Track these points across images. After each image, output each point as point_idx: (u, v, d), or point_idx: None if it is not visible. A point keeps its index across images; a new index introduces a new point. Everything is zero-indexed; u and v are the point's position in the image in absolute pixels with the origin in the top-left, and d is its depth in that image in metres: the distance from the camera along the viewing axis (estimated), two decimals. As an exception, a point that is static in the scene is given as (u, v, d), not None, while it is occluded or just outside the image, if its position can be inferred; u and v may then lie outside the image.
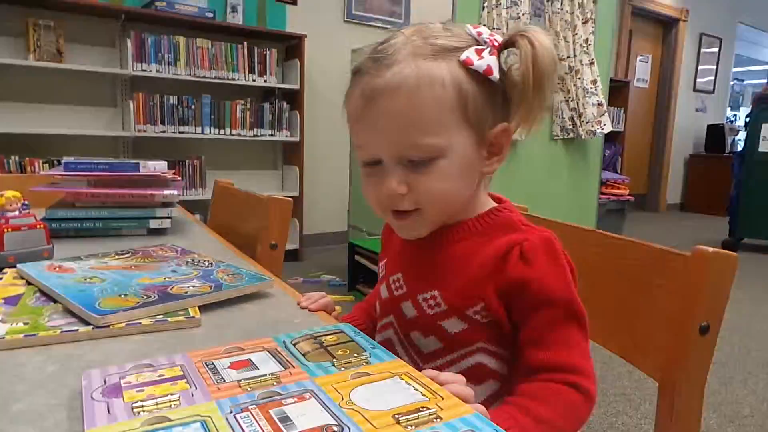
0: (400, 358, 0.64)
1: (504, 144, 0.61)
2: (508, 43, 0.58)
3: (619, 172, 5.37)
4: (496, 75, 0.57)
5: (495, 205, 0.65)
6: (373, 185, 0.60)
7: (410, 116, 0.55)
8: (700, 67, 6.81)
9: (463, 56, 0.56)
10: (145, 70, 3.06)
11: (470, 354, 0.60)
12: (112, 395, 0.43)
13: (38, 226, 0.88)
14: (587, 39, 2.75)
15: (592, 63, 2.79)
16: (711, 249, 0.61)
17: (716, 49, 6.94)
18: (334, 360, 0.51)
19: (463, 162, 0.58)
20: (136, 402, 0.42)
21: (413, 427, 0.39)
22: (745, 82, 7.87)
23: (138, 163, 1.20)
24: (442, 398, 0.44)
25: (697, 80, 6.85)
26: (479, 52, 0.57)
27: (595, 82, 2.80)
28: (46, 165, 2.89)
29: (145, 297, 0.67)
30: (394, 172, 0.57)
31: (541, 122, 0.61)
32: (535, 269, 0.57)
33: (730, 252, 0.61)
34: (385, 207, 0.60)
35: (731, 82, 7.46)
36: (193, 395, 0.43)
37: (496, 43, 0.58)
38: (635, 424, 1.71)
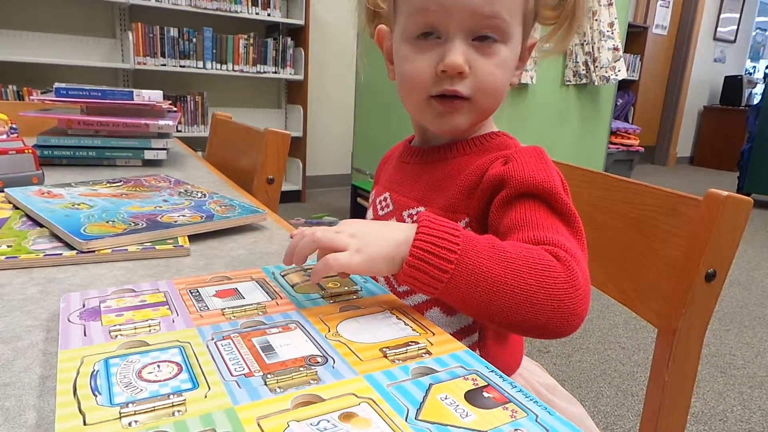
0: (378, 282, 0.63)
1: (527, 57, 0.59)
2: None
3: (630, 122, 5.26)
4: None
5: (497, 130, 0.62)
6: (426, 60, 0.53)
7: None
8: (722, 15, 6.53)
9: None
10: (144, -1, 2.94)
11: None
12: (89, 318, 0.41)
13: (26, 151, 0.85)
14: (607, -22, 2.61)
15: (610, 4, 2.66)
16: (725, 193, 0.58)
17: (742, -5, 6.63)
18: (324, 292, 0.49)
19: (515, 57, 0.56)
20: (114, 326, 0.40)
21: (400, 361, 0.37)
22: (767, 32, 7.55)
23: (132, 92, 1.16)
24: (433, 334, 0.42)
25: (718, 29, 6.58)
26: None
27: (612, 24, 2.68)
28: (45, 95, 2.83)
29: (132, 224, 0.64)
30: (461, 47, 0.52)
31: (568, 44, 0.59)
32: (516, 164, 0.52)
33: (744, 197, 0.58)
34: (436, 87, 0.54)
35: (753, 32, 7.17)
36: (174, 321, 0.42)
37: None
38: (628, 371, 1.73)
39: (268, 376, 0.34)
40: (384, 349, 0.39)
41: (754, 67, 7.41)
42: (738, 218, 0.59)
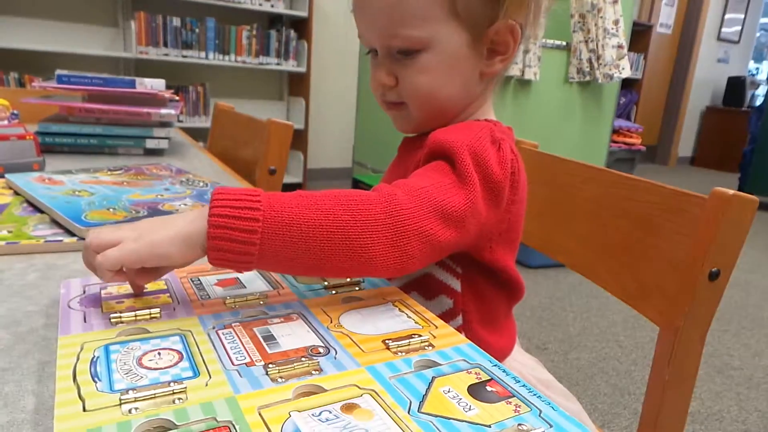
0: None
1: (510, 43, 0.57)
2: None
3: (632, 120, 5.25)
4: None
5: (489, 118, 0.61)
6: (373, 74, 0.60)
7: (392, 7, 0.53)
8: (726, 16, 6.50)
9: None
10: (147, -13, 2.92)
11: None
12: (90, 305, 0.41)
13: (27, 137, 0.85)
14: (613, -25, 2.59)
15: (615, 2, 2.64)
16: (731, 191, 0.57)
17: (747, -5, 6.60)
18: (326, 283, 0.48)
19: (452, 58, 0.55)
20: (115, 313, 0.40)
21: (403, 353, 0.37)
22: (772, 34, 7.52)
23: (134, 80, 1.15)
24: (436, 327, 0.42)
25: (723, 29, 6.55)
26: None
27: (617, 22, 2.66)
28: (46, 83, 2.82)
29: (134, 212, 0.64)
30: (384, 63, 0.57)
31: (541, 27, 0.57)
32: (440, 130, 0.53)
33: (750, 196, 0.58)
34: (378, 97, 0.61)
35: (757, 33, 7.14)
36: (175, 310, 0.41)
37: None
38: (625, 369, 1.73)
39: (270, 365, 0.34)
40: (386, 341, 0.38)
41: (758, 68, 7.39)
42: (743, 218, 0.58)
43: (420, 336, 0.39)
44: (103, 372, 0.32)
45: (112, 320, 0.39)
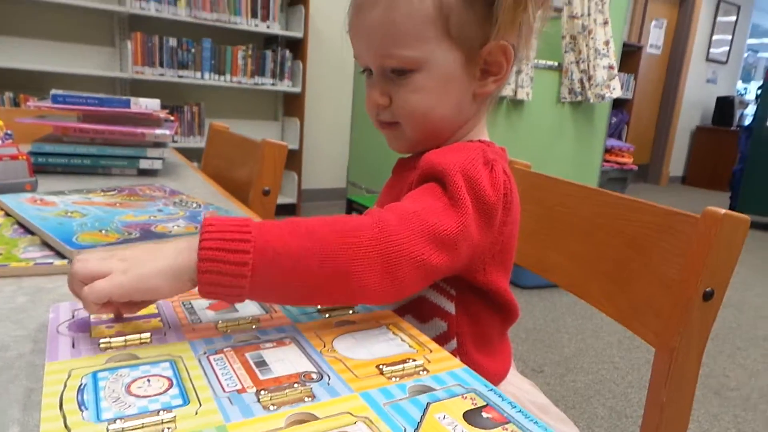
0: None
1: (502, 63, 0.57)
2: None
3: (623, 140, 5.30)
4: None
5: (483, 139, 0.61)
6: (368, 93, 0.60)
7: (386, 28, 0.54)
8: (714, 37, 6.63)
9: None
10: (143, 9, 2.94)
11: None
12: (78, 330, 0.40)
13: (20, 158, 0.84)
14: (603, -2, 2.64)
15: (605, 23, 2.69)
16: (723, 211, 0.58)
17: (733, 18, 6.72)
18: (319, 306, 0.48)
19: (445, 78, 0.56)
20: (104, 338, 0.39)
21: (397, 378, 0.36)
22: (759, 54, 7.66)
23: (129, 100, 1.15)
24: (431, 350, 0.41)
25: (711, 50, 6.67)
26: None
27: (607, 43, 2.70)
28: (41, 103, 2.82)
29: (126, 233, 0.64)
30: (378, 83, 0.58)
31: (533, 48, 0.58)
32: (432, 152, 0.54)
33: (742, 215, 0.58)
34: (373, 116, 0.61)
35: (745, 54, 7.27)
36: (165, 335, 0.41)
37: None
38: (621, 392, 1.72)
39: (262, 392, 0.33)
40: (380, 366, 0.38)
41: (746, 88, 7.51)
42: (736, 237, 0.59)
43: (414, 360, 0.39)
44: (90, 400, 0.32)
45: (101, 345, 0.38)
